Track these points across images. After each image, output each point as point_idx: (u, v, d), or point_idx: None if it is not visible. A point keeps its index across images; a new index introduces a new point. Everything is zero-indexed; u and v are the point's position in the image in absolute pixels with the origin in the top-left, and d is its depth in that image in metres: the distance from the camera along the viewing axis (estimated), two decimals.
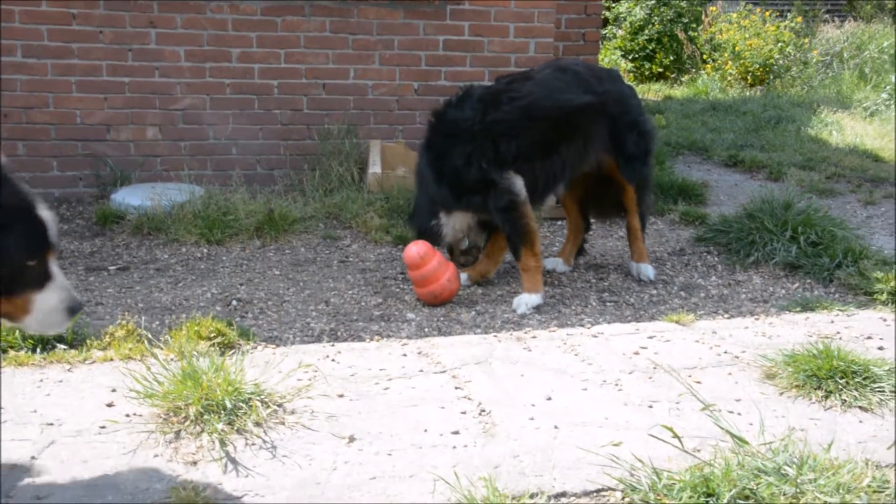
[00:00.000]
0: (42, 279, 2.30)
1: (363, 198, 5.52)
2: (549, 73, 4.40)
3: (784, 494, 2.27)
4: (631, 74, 13.97)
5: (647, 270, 4.56)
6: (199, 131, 5.96)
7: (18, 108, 5.62)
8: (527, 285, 4.17)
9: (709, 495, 2.28)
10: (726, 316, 3.99)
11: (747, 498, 2.28)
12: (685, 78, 13.72)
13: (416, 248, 4.08)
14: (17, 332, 3.23)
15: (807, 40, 13.23)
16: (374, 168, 5.74)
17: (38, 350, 3.28)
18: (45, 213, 2.30)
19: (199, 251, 4.85)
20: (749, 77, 12.63)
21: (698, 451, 2.59)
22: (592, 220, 4.93)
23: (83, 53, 5.67)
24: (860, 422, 2.84)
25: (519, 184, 4.14)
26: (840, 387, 2.99)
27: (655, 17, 13.78)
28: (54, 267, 2.34)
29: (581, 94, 4.30)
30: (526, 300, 4.11)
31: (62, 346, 3.31)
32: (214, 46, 5.84)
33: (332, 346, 3.50)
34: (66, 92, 5.69)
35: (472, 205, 4.27)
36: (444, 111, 4.31)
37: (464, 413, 2.89)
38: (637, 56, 13.92)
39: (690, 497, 2.28)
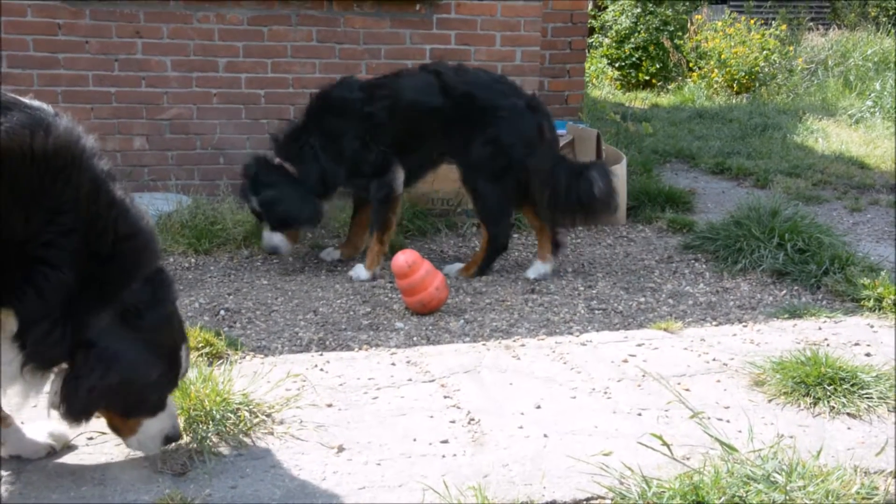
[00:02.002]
0: (157, 408, 2.44)
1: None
2: (418, 74, 4.71)
3: (773, 502, 2.27)
4: (618, 82, 14.05)
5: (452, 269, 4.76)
6: (187, 141, 5.94)
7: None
8: (367, 262, 4.67)
9: (698, 503, 2.28)
10: (714, 323, 4.00)
11: None
12: (671, 86, 13.80)
13: (405, 257, 4.08)
14: None
15: (791, 48, 13.33)
16: None
17: None
18: (185, 350, 2.46)
19: (187, 261, 4.83)
20: (735, 85, 12.72)
21: (687, 458, 2.59)
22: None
23: (69, 64, 5.65)
24: (848, 428, 2.84)
25: (400, 178, 4.61)
26: (828, 393, 3.00)
27: (641, 26, 13.86)
28: (170, 399, 2.48)
29: (436, 97, 4.57)
30: (360, 272, 4.65)
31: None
32: (201, 56, 5.82)
33: (321, 355, 3.49)
34: (51, 102, 5.49)
35: (357, 187, 4.79)
36: (329, 91, 4.66)
37: (453, 422, 2.88)
38: (623, 64, 14.00)
39: None
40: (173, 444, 2.56)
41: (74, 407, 2.26)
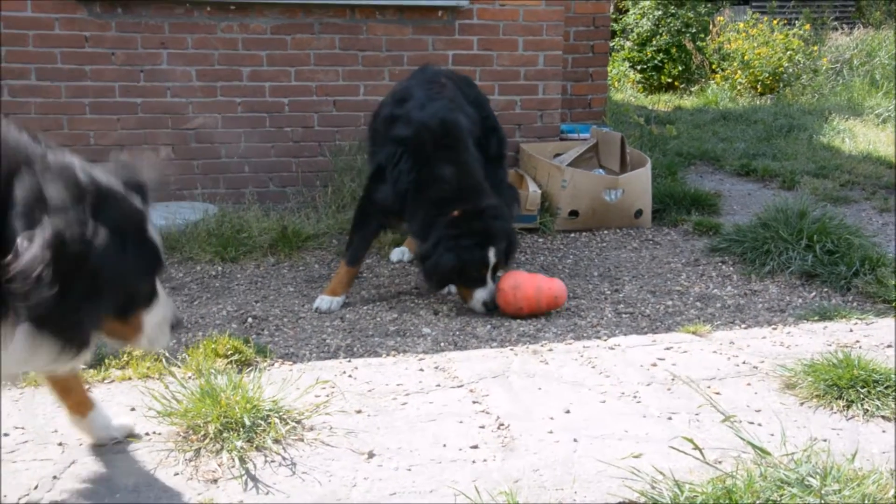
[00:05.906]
0: (151, 297, 2.33)
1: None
2: (453, 85, 4.55)
3: None
4: (640, 85, 13.98)
5: None
6: (212, 150, 5.98)
7: (34, 131, 5.67)
8: None
9: None
10: (743, 326, 3.97)
11: None
12: (695, 88, 13.72)
13: (509, 284, 4.14)
14: None
15: (816, 48, 13.21)
16: None
17: None
18: (154, 230, 2.31)
19: (214, 269, 4.86)
20: (759, 86, 12.62)
21: (720, 462, 2.57)
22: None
23: (96, 75, 5.71)
24: (883, 431, 2.81)
25: None
26: (862, 396, 2.97)
27: (663, 28, 13.79)
28: (158, 284, 2.37)
29: (468, 104, 4.56)
30: None
31: (81, 366, 3.31)
32: (225, 66, 5.87)
33: (349, 361, 3.50)
34: (79, 114, 5.73)
35: None
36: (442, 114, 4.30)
37: (482, 427, 2.88)
38: (646, 67, 13.93)
39: None
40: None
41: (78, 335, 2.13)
